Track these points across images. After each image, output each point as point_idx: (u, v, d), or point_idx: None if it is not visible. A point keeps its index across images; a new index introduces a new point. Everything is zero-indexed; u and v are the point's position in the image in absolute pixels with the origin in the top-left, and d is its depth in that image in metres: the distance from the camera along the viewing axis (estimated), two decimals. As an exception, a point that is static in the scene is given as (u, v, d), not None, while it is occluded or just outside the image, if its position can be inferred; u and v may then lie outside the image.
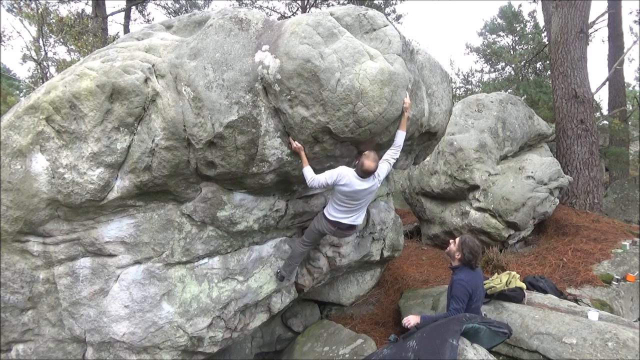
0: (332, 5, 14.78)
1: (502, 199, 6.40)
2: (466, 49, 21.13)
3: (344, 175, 3.08)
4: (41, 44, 10.36)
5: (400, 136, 3.15)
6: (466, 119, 7.14)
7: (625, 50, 11.98)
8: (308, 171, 3.10)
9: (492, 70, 20.11)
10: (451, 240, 3.44)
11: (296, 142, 3.05)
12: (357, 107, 2.86)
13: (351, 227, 3.43)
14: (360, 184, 3.10)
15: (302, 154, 3.07)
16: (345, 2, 14.16)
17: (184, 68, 2.94)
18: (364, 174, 3.07)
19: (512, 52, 19.02)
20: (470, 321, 3.15)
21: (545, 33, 13.42)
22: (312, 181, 3.08)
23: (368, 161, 3.03)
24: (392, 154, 3.20)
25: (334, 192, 3.26)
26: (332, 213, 3.33)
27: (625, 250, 5.94)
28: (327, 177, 3.09)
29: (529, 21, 18.69)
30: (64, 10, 11.18)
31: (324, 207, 3.47)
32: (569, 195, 8.05)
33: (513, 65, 17.97)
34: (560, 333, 3.41)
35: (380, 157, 3.18)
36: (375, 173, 3.13)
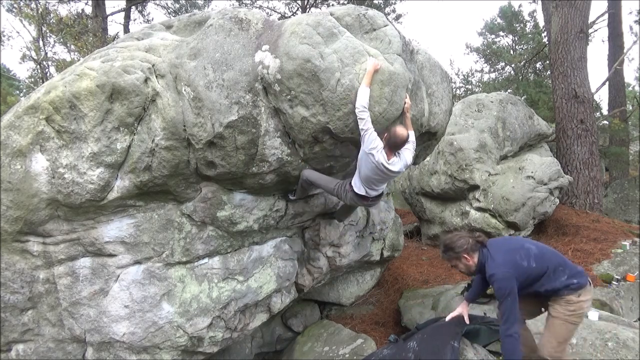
0: (332, 5, 14.78)
1: (502, 199, 6.39)
2: (466, 49, 21.14)
3: (378, 146, 2.88)
4: (41, 44, 10.38)
5: (412, 134, 3.14)
6: (466, 119, 7.13)
7: (625, 50, 11.98)
8: (364, 94, 2.80)
9: (492, 70, 20.13)
10: (457, 264, 2.78)
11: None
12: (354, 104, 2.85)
13: (377, 197, 3.28)
14: (385, 161, 2.92)
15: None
16: (345, 2, 14.16)
17: (184, 68, 2.94)
18: (396, 144, 2.91)
19: (512, 52, 19.03)
20: (471, 322, 3.15)
21: (545, 33, 13.41)
22: (361, 112, 2.81)
23: (399, 128, 2.91)
24: (411, 146, 3.11)
25: (360, 167, 3.07)
26: (360, 186, 3.14)
27: (625, 250, 5.94)
28: (369, 132, 2.83)
29: (529, 21, 18.70)
30: (63, 10, 11.18)
31: (350, 181, 3.22)
32: (569, 195, 8.04)
33: (513, 65, 17.98)
34: (560, 333, 3.41)
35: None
36: (401, 156, 3.00)
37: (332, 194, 3.37)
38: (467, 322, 3.08)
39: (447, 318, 3.13)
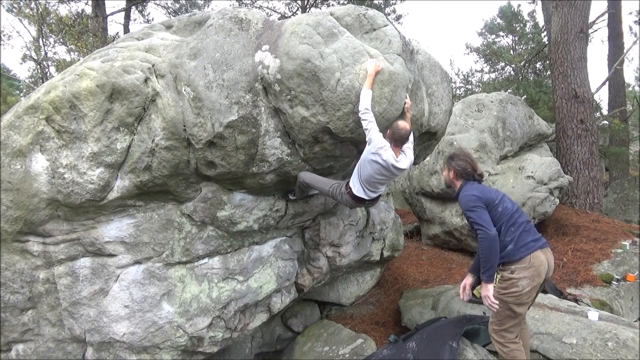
0: (332, 5, 14.78)
1: (502, 199, 6.39)
2: (466, 49, 21.12)
3: (386, 145, 2.87)
4: (41, 44, 10.38)
5: (411, 135, 3.11)
6: (466, 119, 7.14)
7: (625, 50, 11.99)
8: (367, 97, 2.75)
9: (492, 70, 20.13)
10: (444, 172, 3.05)
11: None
12: (357, 107, 2.85)
13: (375, 200, 3.24)
14: (394, 160, 2.91)
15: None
16: (345, 2, 14.16)
17: (184, 68, 2.94)
18: (401, 137, 2.92)
19: (512, 52, 19.04)
20: (470, 322, 3.16)
21: (545, 33, 13.43)
22: (363, 114, 2.77)
23: (401, 122, 2.91)
24: (411, 145, 3.11)
25: (361, 169, 3.02)
26: (359, 188, 3.08)
27: (625, 250, 5.95)
28: (375, 132, 2.80)
29: (528, 21, 18.74)
30: (63, 10, 11.19)
31: (346, 183, 3.16)
32: (569, 195, 8.05)
33: (513, 65, 17.98)
34: (560, 333, 3.41)
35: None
36: (406, 154, 3.02)
37: (328, 196, 3.34)
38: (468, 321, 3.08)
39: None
